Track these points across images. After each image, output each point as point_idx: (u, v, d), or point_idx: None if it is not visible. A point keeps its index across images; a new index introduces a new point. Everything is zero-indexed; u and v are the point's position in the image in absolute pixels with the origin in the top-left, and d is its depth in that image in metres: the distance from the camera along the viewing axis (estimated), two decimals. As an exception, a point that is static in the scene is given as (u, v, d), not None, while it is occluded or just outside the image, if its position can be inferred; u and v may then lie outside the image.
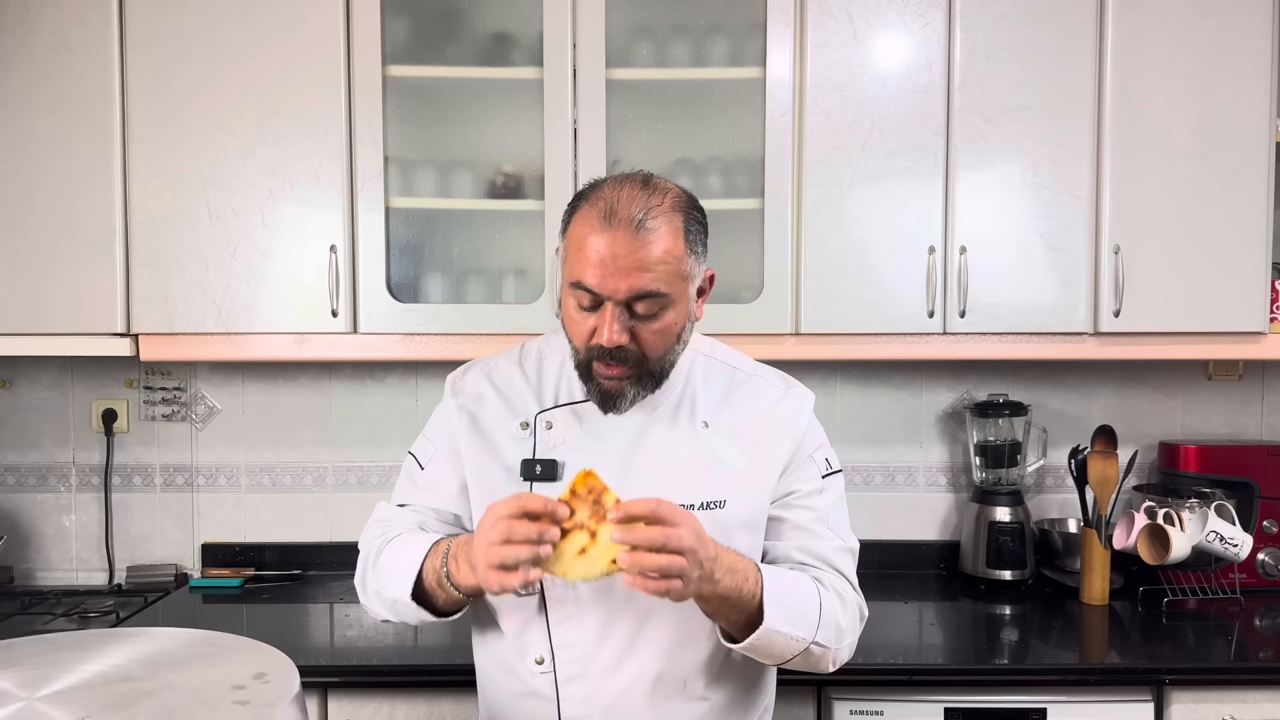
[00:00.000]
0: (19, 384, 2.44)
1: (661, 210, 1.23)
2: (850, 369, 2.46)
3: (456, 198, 2.17)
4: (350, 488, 2.45)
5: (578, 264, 1.22)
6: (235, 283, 2.05)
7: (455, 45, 2.18)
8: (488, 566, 1.12)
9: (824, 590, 1.29)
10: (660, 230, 1.21)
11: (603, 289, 1.21)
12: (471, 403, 1.39)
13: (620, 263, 1.19)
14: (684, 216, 1.25)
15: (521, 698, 1.36)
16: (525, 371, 1.40)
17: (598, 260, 1.20)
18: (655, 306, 1.23)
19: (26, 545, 2.45)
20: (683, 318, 1.27)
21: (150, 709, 0.91)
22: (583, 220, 1.23)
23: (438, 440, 1.41)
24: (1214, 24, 2.04)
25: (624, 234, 1.20)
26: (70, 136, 2.03)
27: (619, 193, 1.23)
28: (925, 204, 2.05)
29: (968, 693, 1.80)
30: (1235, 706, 1.81)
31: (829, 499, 1.38)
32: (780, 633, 1.22)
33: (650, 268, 1.20)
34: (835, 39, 2.04)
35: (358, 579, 1.40)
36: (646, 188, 1.25)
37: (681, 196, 1.28)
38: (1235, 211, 2.06)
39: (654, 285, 1.21)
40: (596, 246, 1.20)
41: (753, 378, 1.41)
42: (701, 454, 1.33)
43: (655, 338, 1.25)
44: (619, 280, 1.20)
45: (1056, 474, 2.46)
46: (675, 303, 1.24)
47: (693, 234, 1.26)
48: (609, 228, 1.20)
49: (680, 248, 1.23)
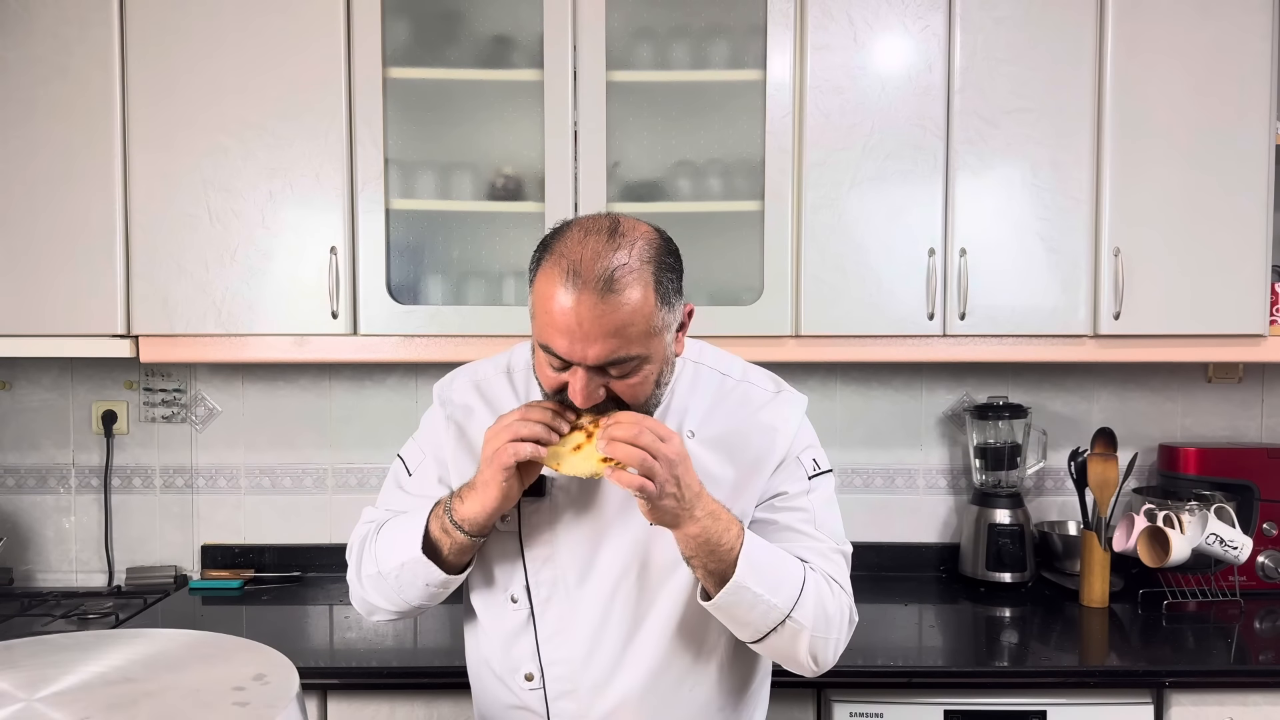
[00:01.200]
0: (19, 385, 2.44)
1: (629, 269, 1.15)
2: (850, 371, 2.46)
3: (457, 200, 2.17)
4: (350, 489, 2.45)
5: (545, 327, 1.17)
6: (235, 284, 2.05)
7: (456, 47, 2.18)
8: (496, 449, 1.19)
9: (811, 571, 1.26)
10: (628, 290, 1.14)
11: (571, 356, 1.16)
12: (459, 414, 1.38)
13: (587, 328, 1.14)
14: (654, 267, 1.18)
15: (514, 710, 1.36)
16: (513, 382, 1.39)
17: (565, 326, 1.14)
18: (629, 367, 1.19)
19: (26, 547, 2.45)
20: (659, 366, 1.23)
21: (150, 710, 0.91)
22: (547, 278, 1.17)
23: (426, 448, 1.40)
24: (1214, 27, 2.04)
25: (590, 297, 1.13)
26: (71, 139, 2.04)
27: (583, 249, 1.15)
28: (925, 206, 2.05)
29: (967, 695, 1.80)
30: (1235, 709, 1.81)
31: (817, 499, 1.34)
32: (753, 592, 1.19)
33: (619, 332, 1.15)
34: (835, 41, 2.04)
35: (351, 573, 1.39)
36: (613, 240, 1.17)
37: (651, 244, 1.20)
38: (1235, 214, 2.06)
39: (625, 351, 1.16)
40: (563, 310, 1.14)
41: (741, 383, 1.38)
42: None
43: (631, 390, 1.20)
44: (587, 347, 1.15)
45: (1056, 476, 2.46)
46: (650, 358, 1.20)
47: (664, 284, 1.19)
48: (574, 290, 1.13)
49: (650, 304, 1.16)
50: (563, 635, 1.30)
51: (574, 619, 1.30)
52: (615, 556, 1.29)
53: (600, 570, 1.29)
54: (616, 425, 1.16)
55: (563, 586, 1.30)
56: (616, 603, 1.29)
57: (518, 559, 1.31)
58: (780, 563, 1.24)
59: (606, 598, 1.29)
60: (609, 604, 1.29)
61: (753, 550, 1.21)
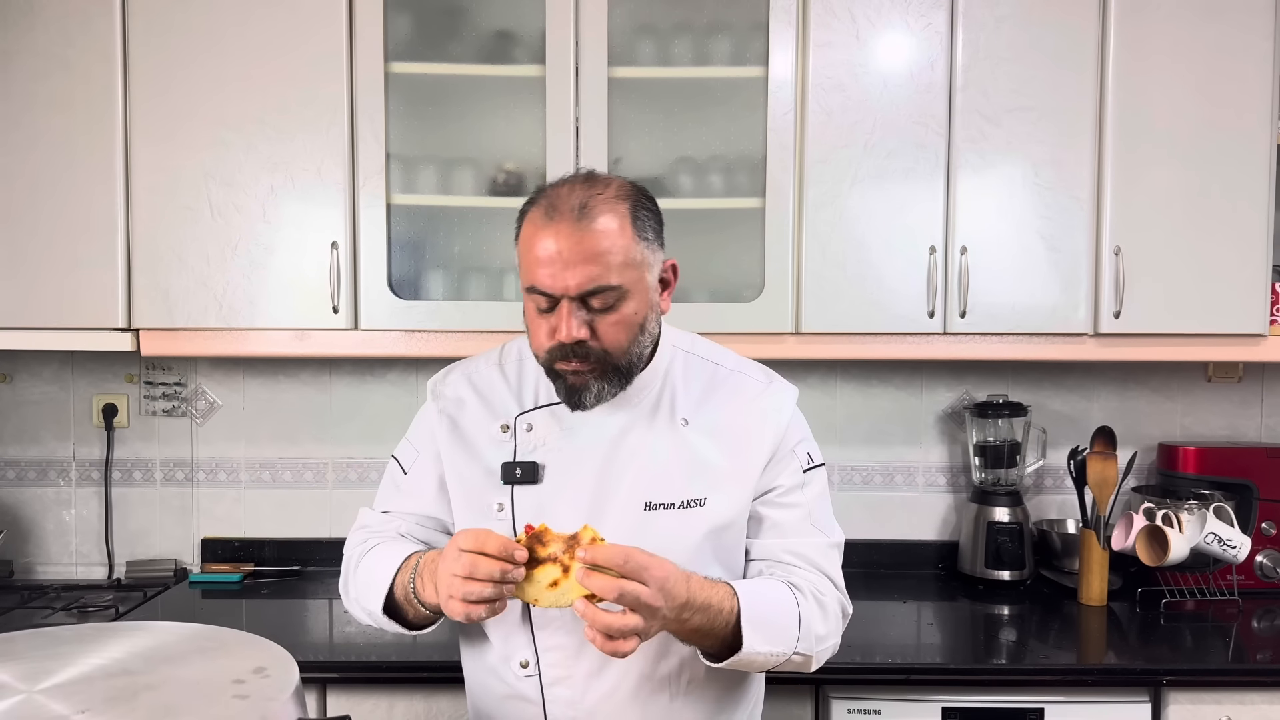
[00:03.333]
0: (20, 378, 2.44)
1: (603, 199, 1.22)
2: (850, 368, 2.46)
3: (458, 195, 2.17)
4: (350, 484, 2.45)
5: (528, 267, 1.23)
6: (236, 278, 2.05)
7: (458, 42, 2.18)
8: (449, 597, 1.13)
9: (802, 599, 1.29)
10: (602, 218, 1.21)
11: (554, 287, 1.21)
12: (452, 406, 1.39)
13: (566, 256, 1.19)
14: (630, 204, 1.24)
15: (508, 700, 1.36)
16: (505, 374, 1.40)
17: (545, 258, 1.20)
18: (610, 299, 1.22)
19: (26, 540, 2.45)
20: (643, 308, 1.26)
21: (150, 703, 0.91)
22: (528, 222, 1.25)
23: (420, 445, 1.41)
24: (1215, 27, 2.04)
25: (566, 225, 1.20)
26: (73, 132, 2.03)
27: (559, 189, 1.24)
28: (926, 204, 2.05)
29: (965, 692, 1.80)
30: (1233, 708, 1.81)
31: (811, 494, 1.36)
32: (759, 652, 1.23)
33: (597, 258, 1.20)
34: (838, 39, 2.04)
35: (341, 584, 1.41)
36: (588, 181, 1.25)
37: (626, 186, 1.27)
38: (1235, 214, 2.06)
39: (604, 279, 1.20)
40: (543, 243, 1.21)
41: (734, 373, 1.39)
42: (681, 452, 1.32)
43: (614, 330, 1.24)
44: (568, 275, 1.20)
45: (1055, 475, 2.47)
46: (631, 293, 1.24)
47: (641, 220, 1.25)
48: (550, 222, 1.21)
49: (628, 234, 1.22)
50: (558, 622, 1.30)
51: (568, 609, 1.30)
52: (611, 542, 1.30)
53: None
54: (596, 549, 1.11)
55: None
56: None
57: None
58: (776, 610, 1.26)
59: None
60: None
61: (752, 613, 1.22)
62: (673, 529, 1.29)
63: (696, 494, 1.30)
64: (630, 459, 1.31)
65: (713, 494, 1.31)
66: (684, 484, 1.30)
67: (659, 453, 1.32)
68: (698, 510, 1.30)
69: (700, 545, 1.30)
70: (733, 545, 1.34)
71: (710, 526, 1.30)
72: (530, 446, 1.34)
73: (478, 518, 1.33)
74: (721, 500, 1.31)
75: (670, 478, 1.30)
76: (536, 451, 1.33)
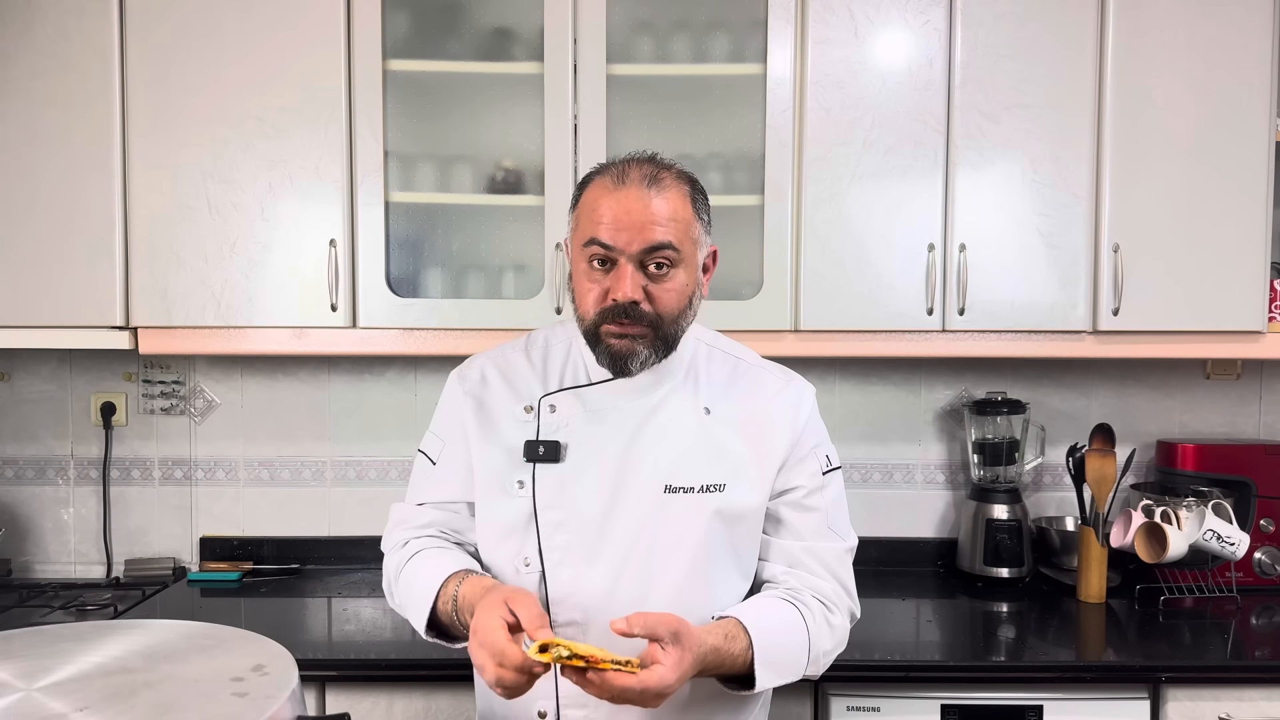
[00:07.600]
0: (17, 377, 2.44)
1: (670, 175, 1.30)
2: (849, 366, 2.46)
3: (456, 193, 2.16)
4: (349, 482, 2.45)
5: (590, 224, 1.27)
6: (234, 276, 2.05)
7: (456, 40, 2.18)
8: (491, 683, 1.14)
9: (812, 621, 1.31)
10: (670, 190, 1.27)
11: (616, 242, 1.25)
12: (477, 388, 1.41)
13: (633, 217, 1.24)
14: (690, 187, 1.32)
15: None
16: (531, 359, 1.42)
17: (611, 217, 1.25)
18: (669, 261, 1.26)
19: (24, 538, 2.45)
20: (693, 282, 1.31)
21: (149, 700, 0.91)
22: (595, 187, 1.29)
23: (446, 433, 1.42)
24: (1215, 23, 2.04)
25: (636, 190, 1.26)
26: (70, 129, 2.03)
27: (627, 163, 1.30)
28: (925, 201, 2.05)
29: (964, 689, 1.81)
30: (1231, 705, 1.81)
31: (829, 497, 1.39)
32: (773, 686, 1.28)
33: (662, 222, 1.25)
34: (836, 36, 2.04)
35: (386, 588, 1.43)
36: (654, 160, 1.32)
37: (685, 172, 1.34)
38: (1235, 210, 2.06)
39: (666, 237, 1.25)
40: (611, 202, 1.26)
41: (754, 368, 1.43)
42: (703, 438, 1.34)
43: (668, 295, 1.28)
44: (632, 234, 1.24)
45: (1054, 472, 2.47)
46: (685, 262, 1.28)
47: (699, 203, 1.32)
48: (620, 187, 1.26)
49: (689, 210, 1.29)
50: (574, 598, 1.31)
51: (585, 582, 1.31)
52: (628, 523, 1.31)
53: (612, 536, 1.31)
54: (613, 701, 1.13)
55: (575, 551, 1.32)
56: (627, 568, 1.31)
57: (531, 523, 1.33)
58: (788, 643, 1.29)
59: (618, 563, 1.31)
60: (620, 569, 1.31)
61: (765, 655, 1.25)
62: (689, 513, 1.31)
63: (717, 479, 1.33)
64: (653, 443, 1.33)
65: (732, 481, 1.33)
66: (705, 469, 1.33)
67: (682, 437, 1.34)
68: (716, 495, 1.32)
69: (714, 531, 1.32)
70: (747, 539, 1.36)
71: (727, 513, 1.32)
72: (553, 427, 1.35)
73: (498, 495, 1.34)
74: (741, 488, 1.33)
75: (693, 462, 1.33)
76: (559, 432, 1.35)
